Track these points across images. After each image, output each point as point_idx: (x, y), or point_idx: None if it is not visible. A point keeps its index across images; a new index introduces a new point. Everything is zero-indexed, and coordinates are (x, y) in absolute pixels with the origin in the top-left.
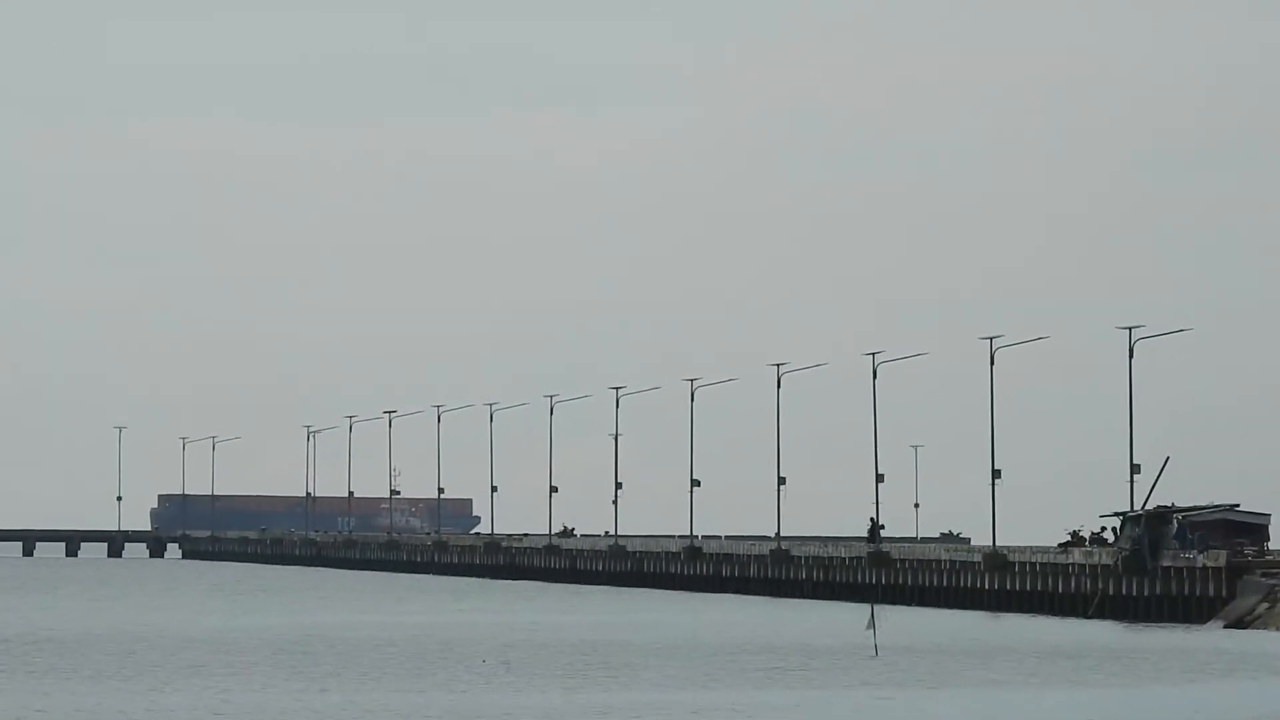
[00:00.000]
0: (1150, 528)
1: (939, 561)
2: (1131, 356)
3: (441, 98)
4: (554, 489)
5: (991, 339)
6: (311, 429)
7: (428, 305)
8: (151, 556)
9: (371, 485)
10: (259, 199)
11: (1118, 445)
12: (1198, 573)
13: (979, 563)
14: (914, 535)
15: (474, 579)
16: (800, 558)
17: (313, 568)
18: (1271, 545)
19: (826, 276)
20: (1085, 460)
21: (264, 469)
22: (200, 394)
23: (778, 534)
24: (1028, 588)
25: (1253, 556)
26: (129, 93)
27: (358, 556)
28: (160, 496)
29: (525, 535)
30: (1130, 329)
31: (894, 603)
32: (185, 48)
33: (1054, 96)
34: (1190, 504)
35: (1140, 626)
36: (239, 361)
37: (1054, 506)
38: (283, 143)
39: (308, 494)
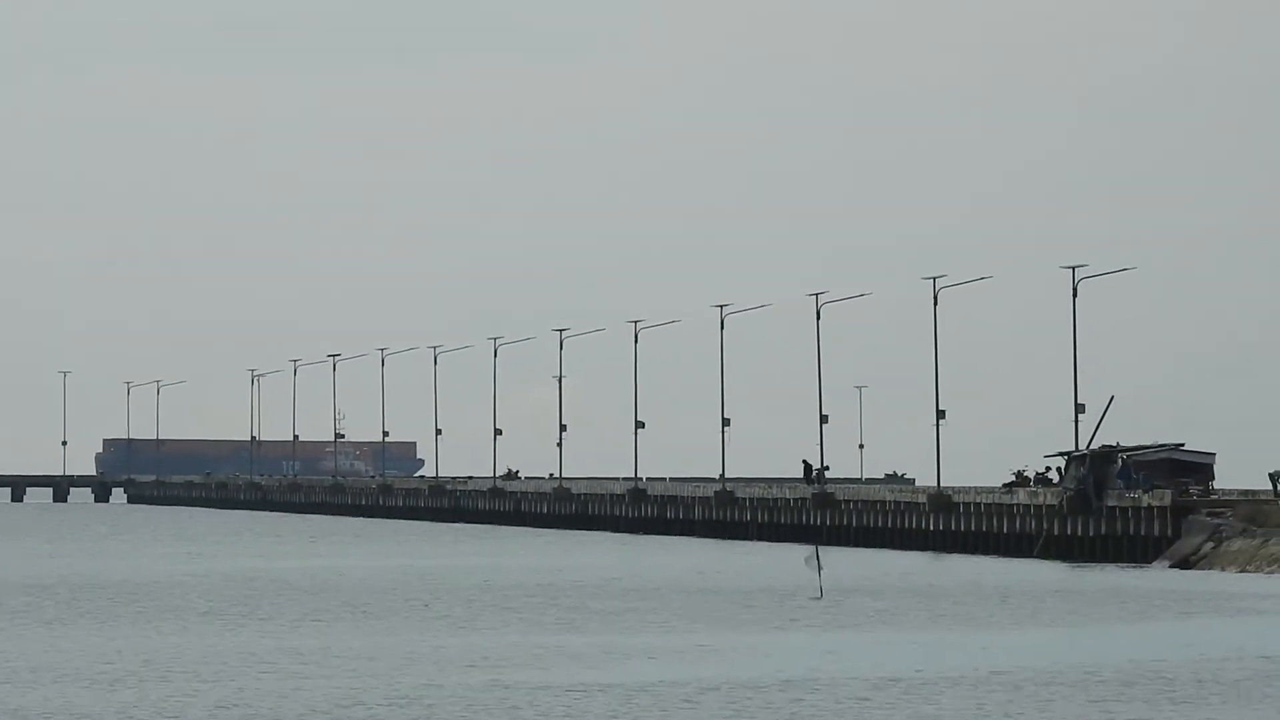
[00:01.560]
0: (1095, 467)
1: (883, 503)
2: (1075, 296)
3: (388, 49)
4: (498, 431)
5: (934, 279)
6: (256, 372)
7: (371, 248)
8: (97, 501)
9: (316, 429)
10: (203, 147)
11: (1062, 385)
12: (1143, 512)
13: (924, 504)
14: (858, 476)
15: (419, 522)
16: (745, 499)
17: (258, 511)
18: (1216, 485)
19: (769, 217)
20: (1029, 400)
21: (209, 413)
22: (145, 338)
23: (722, 476)
24: (972, 528)
25: (1198, 496)
26: (68, 42)
27: (303, 500)
28: (105, 441)
29: (470, 478)
30: (1074, 268)
31: (838, 544)
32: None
33: (994, 38)
34: (1135, 443)
35: (1086, 566)
36: (183, 306)
37: (998, 447)
38: (227, 91)
39: (252, 438)
